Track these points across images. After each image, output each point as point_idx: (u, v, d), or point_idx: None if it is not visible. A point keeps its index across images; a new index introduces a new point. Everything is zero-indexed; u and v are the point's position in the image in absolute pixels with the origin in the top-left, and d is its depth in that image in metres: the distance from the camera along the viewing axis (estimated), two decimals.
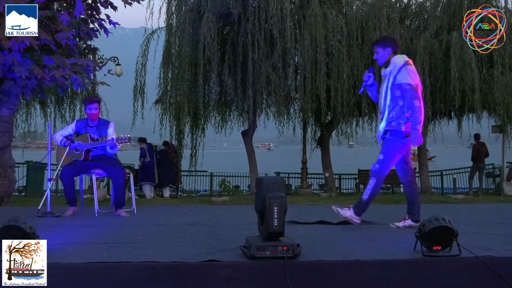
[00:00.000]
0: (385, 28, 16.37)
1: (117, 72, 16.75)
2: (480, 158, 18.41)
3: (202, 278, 3.61)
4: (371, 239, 4.82)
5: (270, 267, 3.63)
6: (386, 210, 8.45)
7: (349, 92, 16.12)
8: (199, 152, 18.13)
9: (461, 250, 3.82)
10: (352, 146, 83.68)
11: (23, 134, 19.45)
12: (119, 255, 3.95)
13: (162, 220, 6.73)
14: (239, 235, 4.13)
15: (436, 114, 17.77)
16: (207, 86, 16.95)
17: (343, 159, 40.35)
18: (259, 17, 15.46)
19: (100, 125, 7.26)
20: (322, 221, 6.15)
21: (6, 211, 7.92)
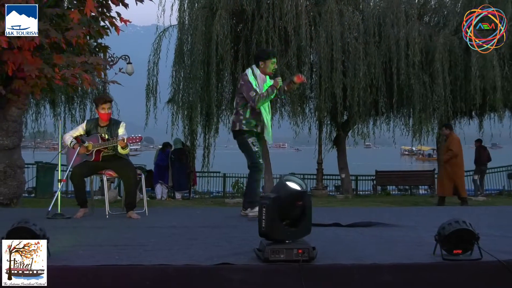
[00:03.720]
0: (403, 25, 16.33)
1: (128, 70, 16.80)
2: (482, 161, 18.65)
3: (215, 281, 3.61)
4: (389, 242, 4.79)
5: (284, 270, 3.62)
6: (404, 212, 8.41)
7: (366, 91, 16.09)
8: (211, 152, 18.15)
9: (483, 253, 3.78)
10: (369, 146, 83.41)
11: (32, 134, 19.59)
12: (130, 258, 3.96)
13: (174, 222, 6.74)
14: (253, 237, 4.12)
15: (456, 114, 17.67)
16: (220, 85, 16.96)
17: (360, 160, 40.20)
18: (273, 14, 15.46)
19: (111, 125, 7.28)
20: (338, 223, 6.13)
21: (16, 213, 7.98)
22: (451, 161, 12.60)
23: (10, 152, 10.09)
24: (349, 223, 6.08)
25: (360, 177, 23.46)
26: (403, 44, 16.12)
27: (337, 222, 6.18)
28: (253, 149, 6.90)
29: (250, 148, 6.93)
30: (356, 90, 15.95)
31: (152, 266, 3.68)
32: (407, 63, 16.16)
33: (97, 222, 6.63)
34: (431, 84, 16.36)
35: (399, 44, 16.18)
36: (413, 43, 16.07)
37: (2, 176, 9.96)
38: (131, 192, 7.23)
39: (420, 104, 16.39)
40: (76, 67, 9.08)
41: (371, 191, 21.96)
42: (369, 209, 10.85)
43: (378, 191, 20.73)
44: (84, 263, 3.76)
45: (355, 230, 5.74)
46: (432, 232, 4.01)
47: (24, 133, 14.43)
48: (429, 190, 20.37)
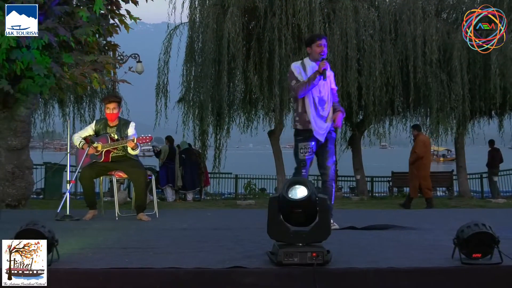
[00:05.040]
0: (420, 22, 16.22)
1: (138, 69, 16.87)
2: (495, 164, 18.63)
3: (226, 285, 3.61)
4: (406, 245, 4.78)
5: (298, 274, 3.62)
6: (421, 215, 8.38)
7: (382, 90, 16.02)
8: (223, 153, 18.14)
9: (503, 257, 3.76)
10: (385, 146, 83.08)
11: (41, 134, 19.69)
12: (140, 260, 3.98)
13: (185, 224, 6.76)
14: (266, 240, 4.11)
15: (475, 113, 17.53)
16: (232, 84, 16.94)
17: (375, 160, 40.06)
18: (286, 11, 15.43)
19: (120, 125, 7.31)
20: (353, 226, 6.12)
21: (24, 214, 8.03)
22: (416, 162, 12.76)
23: (18, 152, 10.15)
24: (365, 225, 6.07)
25: (376, 178, 23.37)
26: (420, 42, 16.03)
27: (352, 225, 6.18)
28: (299, 156, 6.41)
29: (296, 154, 6.47)
30: (372, 89, 15.89)
31: (162, 269, 3.69)
32: (424, 61, 16.07)
33: (107, 224, 6.66)
34: (449, 83, 16.26)
35: (416, 42, 16.09)
36: (430, 40, 15.98)
37: (10, 177, 10.02)
38: (141, 194, 7.25)
39: (437, 103, 16.29)
40: (85, 66, 9.13)
41: (387, 192, 21.88)
42: (385, 211, 10.83)
43: (394, 193, 20.65)
44: (94, 266, 3.78)
45: (370, 233, 5.73)
46: (451, 235, 3.99)
47: (33, 133, 14.53)
48: (447, 192, 20.26)
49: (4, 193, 9.94)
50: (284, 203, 3.76)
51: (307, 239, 3.78)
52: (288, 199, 3.73)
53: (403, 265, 3.82)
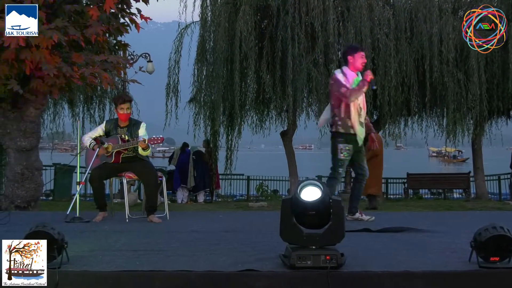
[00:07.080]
0: (436, 20, 16.15)
1: (148, 69, 16.90)
2: None
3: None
4: (422, 249, 4.76)
5: (312, 277, 3.62)
6: (437, 217, 8.34)
7: (397, 90, 15.96)
8: (234, 154, 18.13)
9: None
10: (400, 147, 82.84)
11: (50, 135, 19.79)
12: (151, 263, 3.99)
13: (196, 226, 6.77)
14: (278, 243, 4.11)
15: (493, 113, 17.43)
16: (244, 83, 16.93)
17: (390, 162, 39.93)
18: (300, 9, 15.42)
19: (131, 126, 7.33)
20: (368, 228, 6.10)
21: (34, 216, 8.07)
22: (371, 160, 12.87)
23: (27, 153, 10.19)
24: (379, 228, 6.05)
25: (391, 180, 23.26)
26: (436, 40, 15.96)
27: (367, 228, 6.16)
28: (338, 155, 7.07)
29: (336, 154, 7.10)
30: (387, 89, 15.83)
31: (173, 272, 3.70)
32: (440, 60, 15.99)
33: (117, 226, 6.69)
34: (466, 82, 16.17)
35: (432, 40, 16.02)
36: (447, 39, 15.90)
37: (20, 179, 10.06)
38: (152, 195, 7.27)
39: (454, 103, 16.21)
40: (95, 66, 9.15)
41: (402, 194, 21.78)
42: (400, 213, 10.79)
43: (409, 195, 20.56)
44: (104, 268, 3.80)
45: (385, 235, 5.71)
46: (467, 238, 3.97)
47: (42, 134, 14.59)
48: (463, 194, 20.14)
49: (13, 195, 9.99)
50: (297, 205, 3.76)
51: (321, 242, 3.78)
52: (301, 201, 3.73)
53: (418, 268, 3.80)
